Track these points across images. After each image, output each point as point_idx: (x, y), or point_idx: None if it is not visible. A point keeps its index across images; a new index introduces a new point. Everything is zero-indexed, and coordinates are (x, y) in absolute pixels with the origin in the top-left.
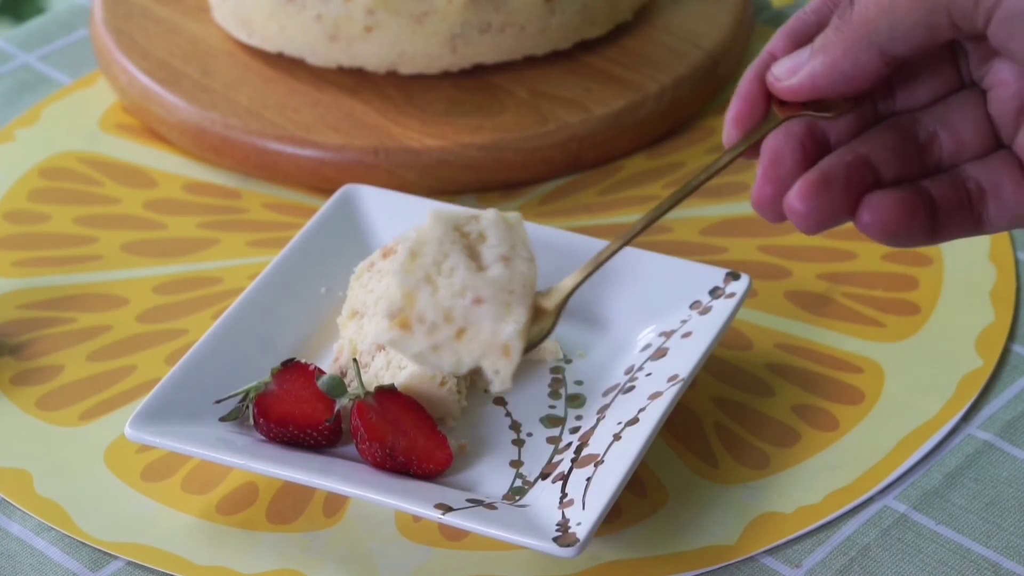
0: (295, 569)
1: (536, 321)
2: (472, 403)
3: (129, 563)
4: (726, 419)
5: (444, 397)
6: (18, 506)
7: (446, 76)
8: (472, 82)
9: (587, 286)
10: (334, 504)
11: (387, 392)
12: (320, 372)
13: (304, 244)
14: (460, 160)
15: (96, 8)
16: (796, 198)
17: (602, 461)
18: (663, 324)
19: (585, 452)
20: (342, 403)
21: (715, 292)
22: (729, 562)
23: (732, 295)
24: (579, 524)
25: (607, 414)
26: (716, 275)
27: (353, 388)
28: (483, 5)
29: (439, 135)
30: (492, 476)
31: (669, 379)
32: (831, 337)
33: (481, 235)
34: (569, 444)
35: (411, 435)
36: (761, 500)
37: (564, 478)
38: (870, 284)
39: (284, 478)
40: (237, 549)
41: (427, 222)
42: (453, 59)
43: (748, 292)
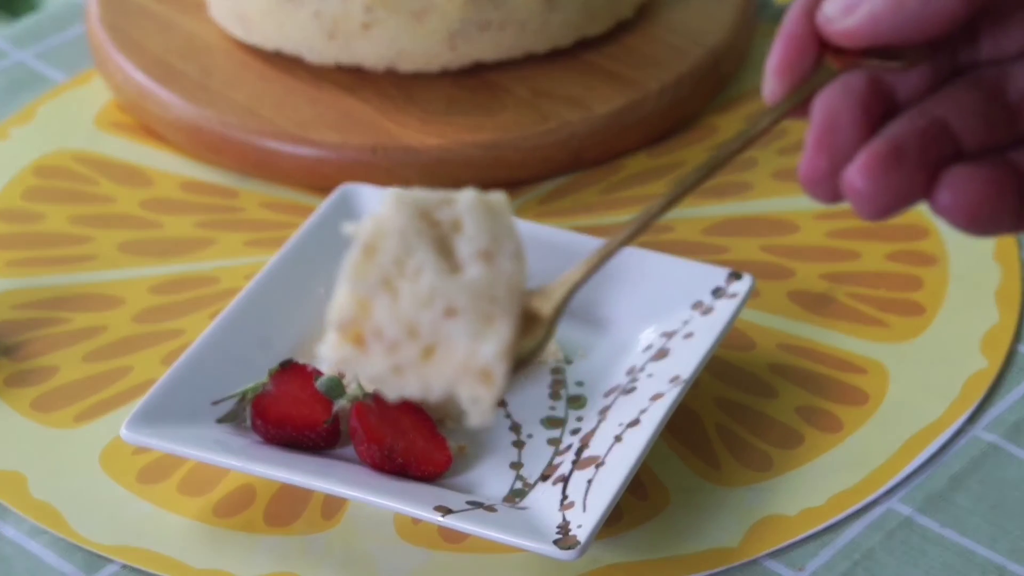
0: (293, 572)
1: (527, 331)
2: None
3: (125, 566)
4: (728, 420)
5: (443, 398)
6: (12, 508)
7: (445, 74)
8: (472, 80)
9: (587, 285)
10: (332, 506)
11: None
12: (318, 373)
13: (302, 244)
14: (459, 159)
15: (92, 5)
16: (859, 175)
17: (603, 463)
18: (665, 324)
19: (586, 454)
20: (340, 404)
21: (717, 292)
22: (731, 565)
23: (734, 295)
24: (580, 526)
25: (608, 415)
26: (718, 275)
27: (352, 389)
28: (483, 2)
29: (438, 133)
30: (492, 478)
31: (671, 380)
32: (835, 338)
33: (455, 224)
34: (570, 446)
35: (410, 437)
36: (764, 502)
37: (565, 480)
38: (874, 284)
39: (282, 480)
40: (234, 552)
41: (386, 207)
42: (452, 57)
43: (751, 292)
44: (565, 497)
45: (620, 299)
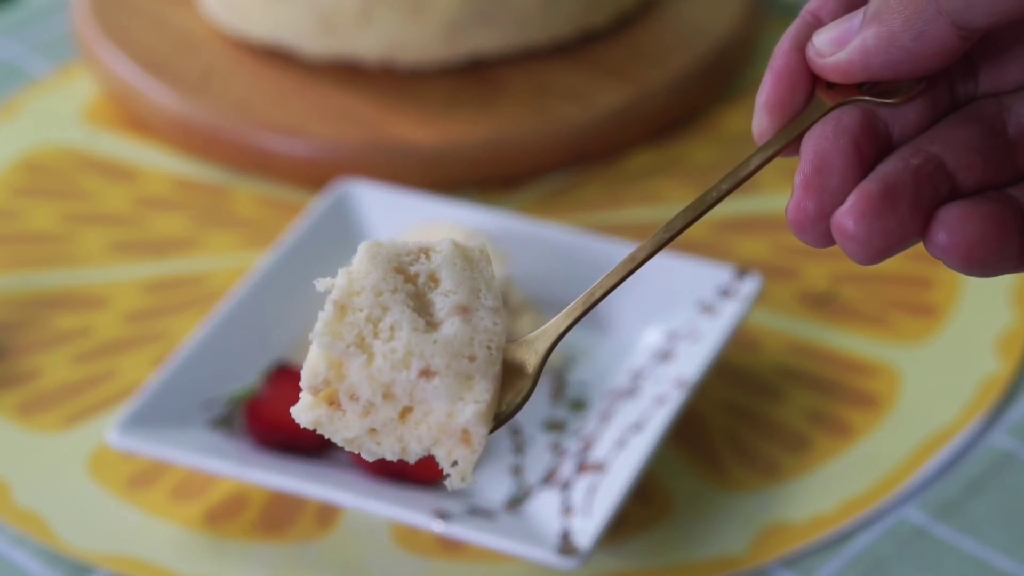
0: None
1: (508, 384)
2: None
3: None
4: (735, 424)
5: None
6: None
7: (443, 70)
8: (470, 75)
9: (588, 285)
10: (328, 513)
11: None
12: None
13: (296, 242)
14: (458, 155)
15: None
16: (850, 218)
17: (606, 469)
18: (669, 325)
19: (588, 459)
20: None
21: (723, 292)
22: (738, 573)
23: (742, 295)
24: (582, 534)
25: (611, 419)
26: (724, 274)
27: None
28: None
29: (436, 129)
30: (491, 483)
31: (676, 383)
32: (845, 340)
33: (432, 277)
34: (571, 450)
35: None
36: (772, 509)
37: (566, 486)
38: (885, 284)
39: (276, 487)
40: (227, 560)
41: (358, 260)
42: (451, 49)
43: (758, 293)
44: (567, 503)
45: (622, 299)
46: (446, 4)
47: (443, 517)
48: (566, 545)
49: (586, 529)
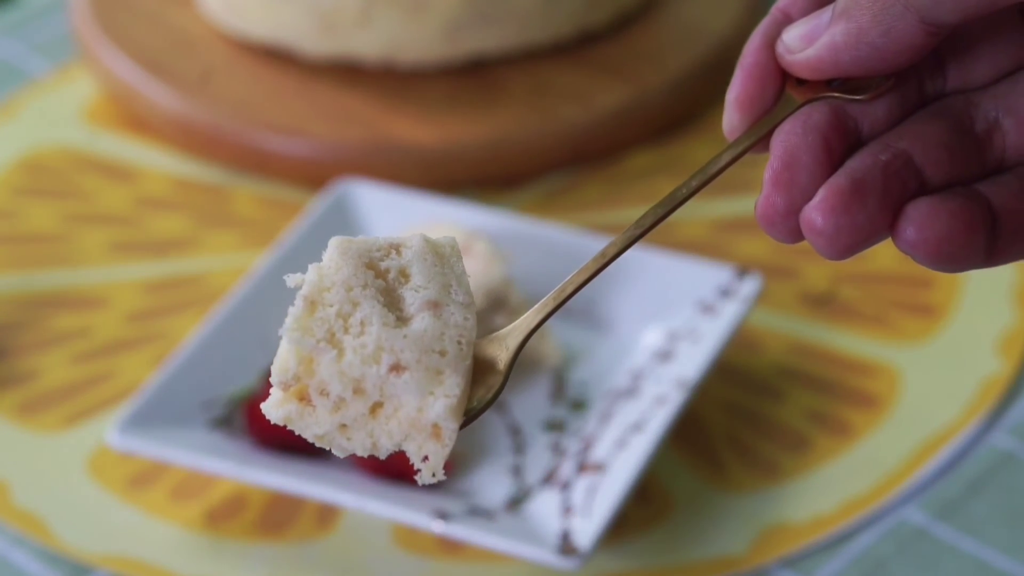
0: None
1: (479, 380)
2: None
3: None
4: (735, 424)
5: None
6: None
7: (443, 70)
8: (470, 75)
9: (589, 285)
10: (328, 514)
11: None
12: None
13: (296, 242)
14: (458, 155)
15: None
16: (819, 213)
17: (606, 469)
18: (669, 325)
19: (588, 459)
20: None
21: (724, 292)
22: (738, 573)
23: (742, 295)
24: (582, 534)
25: (611, 420)
26: (724, 274)
27: None
28: None
29: (436, 129)
30: (491, 484)
31: (676, 384)
32: (845, 340)
33: (402, 273)
34: (571, 450)
35: None
36: (772, 509)
37: (566, 486)
38: (885, 284)
39: (275, 487)
40: (226, 561)
41: (328, 256)
42: (451, 49)
43: (758, 293)
44: (567, 503)
45: (622, 299)
46: (446, 4)
47: (443, 517)
48: (566, 545)
49: (586, 529)
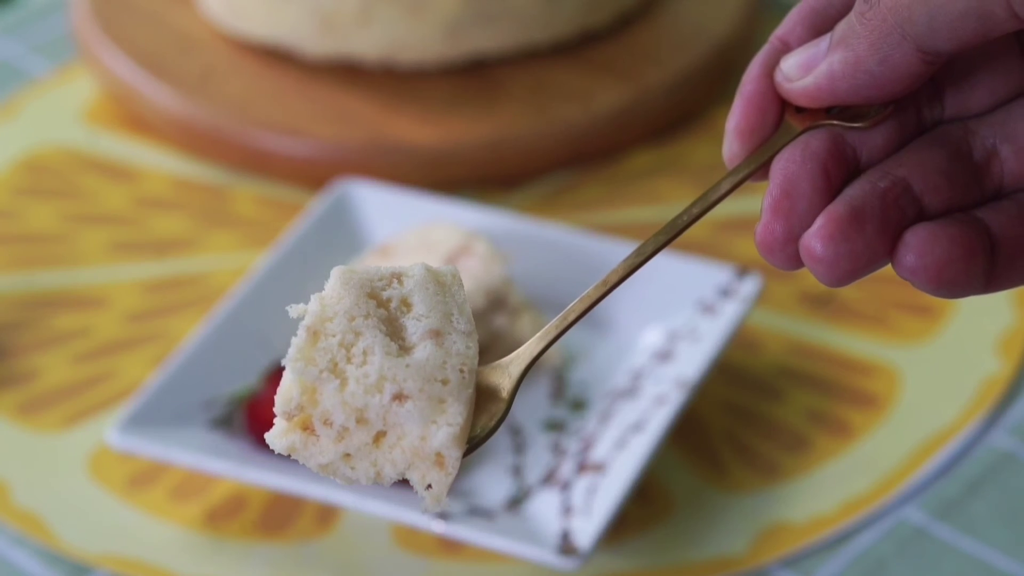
0: None
1: (482, 408)
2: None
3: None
4: (735, 424)
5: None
6: None
7: (444, 70)
8: (471, 75)
9: (588, 285)
10: (327, 514)
11: None
12: None
13: (296, 242)
14: (458, 155)
15: None
16: (817, 240)
17: (606, 469)
18: (669, 325)
19: (588, 459)
20: None
21: (724, 292)
22: (738, 573)
23: (742, 295)
24: (582, 534)
25: (611, 420)
26: (724, 274)
27: None
28: None
29: (437, 129)
30: (491, 484)
31: (676, 384)
32: (845, 340)
33: (404, 302)
34: (571, 450)
35: None
36: (772, 509)
37: (566, 486)
38: (885, 284)
39: (275, 487)
40: (226, 560)
41: (330, 286)
42: (451, 49)
43: (758, 293)
44: (567, 503)
45: (622, 299)
46: (446, 4)
47: (443, 517)
48: (566, 545)
49: (586, 529)
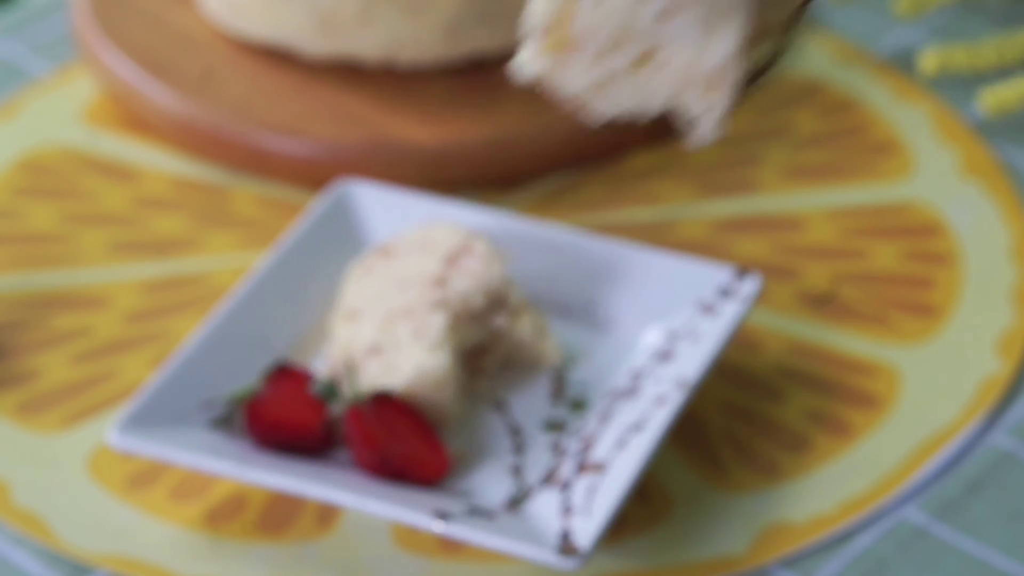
0: None
1: (759, 37)
2: (470, 408)
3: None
4: (734, 424)
5: (441, 401)
6: None
7: (443, 70)
8: (470, 75)
9: (588, 285)
10: (328, 514)
11: (383, 397)
12: (313, 376)
13: (296, 242)
14: (458, 155)
15: None
16: None
17: (606, 468)
18: (669, 325)
19: (588, 459)
20: (336, 408)
21: (723, 292)
22: (738, 573)
23: (741, 295)
24: (582, 534)
25: (611, 419)
26: (724, 274)
27: (347, 393)
28: None
29: (436, 129)
30: (491, 484)
31: (676, 384)
32: (845, 340)
33: None
34: (571, 450)
35: (407, 441)
36: (772, 509)
37: (566, 486)
38: (885, 284)
39: (275, 487)
40: (226, 560)
41: None
42: (451, 49)
43: (758, 293)
44: (567, 503)
45: (622, 299)
46: (446, 4)
47: (443, 517)
48: (566, 545)
49: (586, 529)
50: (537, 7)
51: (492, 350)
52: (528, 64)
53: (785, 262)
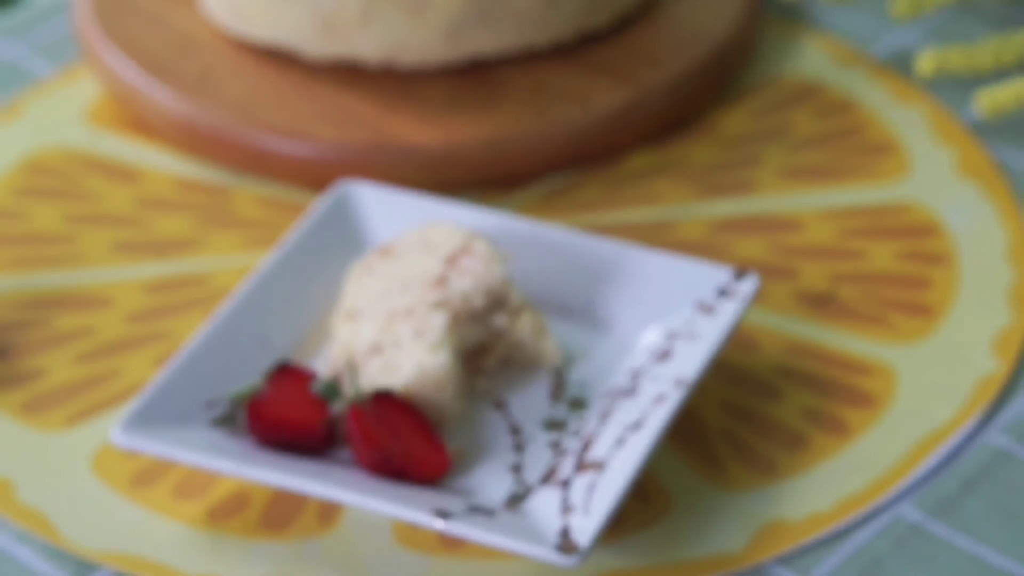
0: None
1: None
2: (471, 407)
3: (116, 573)
4: (732, 423)
5: (442, 400)
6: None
7: (444, 71)
8: (471, 76)
9: (588, 285)
10: (329, 511)
11: (383, 396)
12: (314, 375)
13: (298, 242)
14: (458, 155)
15: None
16: None
17: (605, 467)
18: (667, 325)
19: (587, 457)
20: (337, 407)
21: (722, 292)
22: (736, 571)
23: (739, 295)
24: (581, 532)
25: (610, 418)
26: (722, 274)
27: (348, 392)
28: None
29: (437, 130)
30: (491, 482)
31: (674, 382)
32: (842, 339)
33: None
34: (571, 449)
35: (408, 440)
36: (769, 507)
37: (566, 484)
38: (882, 284)
39: (277, 485)
40: (229, 558)
41: None
42: (451, 50)
43: (756, 292)
44: (566, 502)
45: (621, 299)
46: (447, 5)
47: (444, 515)
48: (565, 543)
49: (585, 527)
50: None
51: (492, 350)
52: None
53: (783, 262)
